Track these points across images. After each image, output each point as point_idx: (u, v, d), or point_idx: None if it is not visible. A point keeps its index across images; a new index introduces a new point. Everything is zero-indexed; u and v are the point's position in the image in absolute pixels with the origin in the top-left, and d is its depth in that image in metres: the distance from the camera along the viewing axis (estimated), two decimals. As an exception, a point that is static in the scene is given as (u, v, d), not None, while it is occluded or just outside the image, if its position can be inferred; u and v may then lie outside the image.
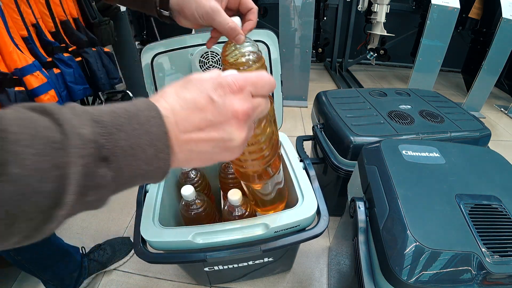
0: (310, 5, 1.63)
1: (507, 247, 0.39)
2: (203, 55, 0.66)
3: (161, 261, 0.51)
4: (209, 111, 0.22)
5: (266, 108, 0.27)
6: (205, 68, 0.68)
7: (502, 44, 1.59)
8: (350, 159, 0.77)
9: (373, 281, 0.44)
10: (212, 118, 0.22)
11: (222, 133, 0.23)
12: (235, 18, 0.38)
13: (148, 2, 0.37)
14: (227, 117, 0.23)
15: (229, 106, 0.23)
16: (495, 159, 0.56)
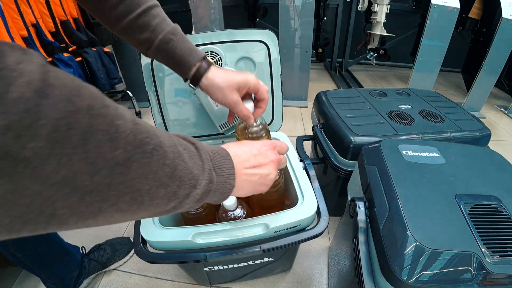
0: (310, 5, 1.63)
1: (507, 247, 0.39)
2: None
3: (161, 261, 0.51)
4: (258, 156, 0.36)
5: (285, 161, 0.43)
6: None
7: (502, 44, 1.59)
8: (350, 159, 0.77)
9: (373, 281, 0.44)
10: (261, 161, 0.36)
11: (265, 170, 0.37)
12: (249, 103, 0.52)
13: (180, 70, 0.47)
14: (268, 161, 0.37)
15: (269, 155, 0.38)
16: (495, 159, 0.56)
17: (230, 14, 2.43)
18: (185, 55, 0.46)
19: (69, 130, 0.15)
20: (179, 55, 0.46)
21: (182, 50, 0.46)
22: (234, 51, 0.68)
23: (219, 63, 0.67)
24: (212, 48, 0.65)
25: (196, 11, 1.71)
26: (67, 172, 0.16)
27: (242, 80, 0.48)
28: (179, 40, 0.46)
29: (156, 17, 0.44)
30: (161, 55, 0.46)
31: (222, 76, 0.47)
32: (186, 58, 0.46)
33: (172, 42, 0.45)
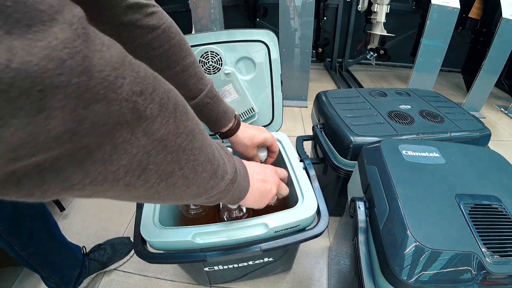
0: (310, 5, 1.63)
1: (507, 247, 0.39)
2: (203, 55, 0.66)
3: (161, 261, 0.51)
4: (266, 174, 0.43)
5: (287, 191, 0.50)
6: (205, 68, 0.68)
7: (502, 44, 1.59)
8: (350, 159, 0.77)
9: (373, 281, 0.44)
10: (267, 178, 0.43)
11: (270, 185, 0.43)
12: (263, 152, 0.61)
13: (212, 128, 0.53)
14: (272, 179, 0.44)
15: (274, 175, 0.45)
16: (495, 159, 0.56)
17: (230, 14, 2.43)
18: (219, 117, 0.51)
19: (168, 100, 0.20)
20: (214, 117, 0.51)
21: (217, 113, 0.50)
22: (234, 51, 0.68)
23: (219, 63, 0.67)
24: (212, 48, 0.65)
25: (196, 11, 1.71)
26: (164, 131, 0.20)
27: (262, 140, 0.57)
28: (215, 103, 0.50)
29: (193, 77, 0.46)
30: (198, 115, 0.48)
31: (249, 136, 0.55)
32: (220, 120, 0.51)
33: (208, 105, 0.49)
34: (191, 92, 0.47)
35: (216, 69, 0.68)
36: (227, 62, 0.69)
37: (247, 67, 0.71)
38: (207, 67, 0.68)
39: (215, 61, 0.67)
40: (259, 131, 0.57)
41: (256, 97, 0.75)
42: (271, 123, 0.78)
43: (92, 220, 1.07)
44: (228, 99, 0.73)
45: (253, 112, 0.75)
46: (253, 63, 0.70)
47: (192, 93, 0.47)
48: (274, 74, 0.72)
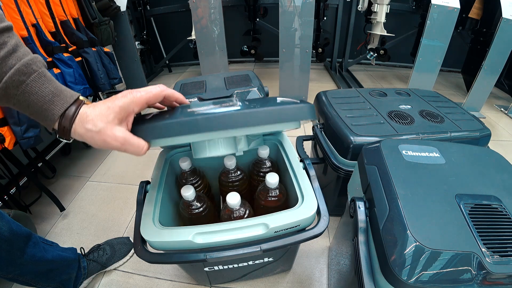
0: (310, 5, 1.63)
1: (507, 247, 0.39)
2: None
3: (161, 261, 0.51)
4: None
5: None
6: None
7: (502, 44, 1.59)
8: (350, 159, 0.77)
9: (373, 281, 0.44)
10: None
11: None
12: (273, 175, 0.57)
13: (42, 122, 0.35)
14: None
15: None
16: (495, 159, 0.56)
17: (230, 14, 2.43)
18: (44, 103, 0.34)
19: None
20: (35, 104, 0.34)
21: (39, 97, 0.33)
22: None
23: None
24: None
25: (196, 11, 1.71)
26: None
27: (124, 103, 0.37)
28: (35, 82, 0.33)
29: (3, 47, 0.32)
30: (11, 103, 0.34)
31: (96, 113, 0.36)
32: (46, 107, 0.34)
33: (23, 86, 0.33)
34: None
35: None
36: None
37: None
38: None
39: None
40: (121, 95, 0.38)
41: None
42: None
43: (92, 220, 1.07)
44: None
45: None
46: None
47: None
48: None
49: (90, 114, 0.36)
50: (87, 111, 0.36)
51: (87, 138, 0.36)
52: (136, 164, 1.37)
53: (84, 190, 1.23)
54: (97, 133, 0.36)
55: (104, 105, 0.37)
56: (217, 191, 0.82)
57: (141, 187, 0.63)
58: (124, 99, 0.37)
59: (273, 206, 0.63)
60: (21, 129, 0.84)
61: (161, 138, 0.40)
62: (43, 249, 0.68)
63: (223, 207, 0.61)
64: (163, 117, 0.41)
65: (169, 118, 0.41)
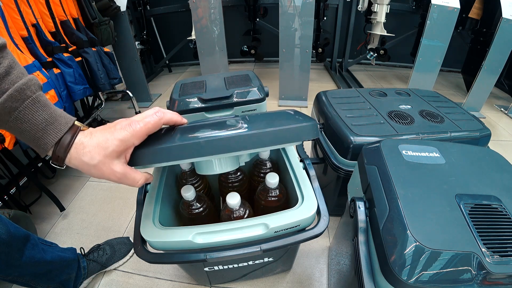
0: (310, 5, 1.63)
1: (507, 247, 0.39)
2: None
3: (161, 261, 0.51)
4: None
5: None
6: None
7: (502, 44, 1.59)
8: (350, 159, 0.77)
9: (373, 281, 0.44)
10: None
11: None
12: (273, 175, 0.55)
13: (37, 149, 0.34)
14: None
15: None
16: (495, 159, 0.56)
17: (230, 14, 2.43)
18: (37, 131, 0.32)
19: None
20: (28, 132, 0.32)
21: (32, 125, 0.32)
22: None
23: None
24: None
25: (196, 11, 1.72)
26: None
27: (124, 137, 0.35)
28: (27, 109, 0.31)
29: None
30: (5, 128, 0.32)
31: (93, 145, 0.34)
32: (39, 136, 0.32)
33: (15, 113, 0.31)
34: None
35: None
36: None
37: None
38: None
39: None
40: (119, 126, 0.36)
41: None
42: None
43: (92, 220, 1.07)
44: None
45: None
46: None
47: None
48: None
49: (87, 145, 0.34)
50: (83, 141, 0.34)
51: (83, 169, 0.35)
52: (136, 164, 1.37)
53: (84, 190, 1.23)
54: (94, 167, 0.34)
55: (103, 135, 0.35)
56: (217, 191, 0.82)
57: (141, 187, 0.63)
58: (124, 132, 0.35)
59: (273, 206, 0.63)
60: (21, 129, 0.84)
61: (163, 162, 0.39)
62: (42, 250, 0.68)
63: (223, 207, 0.61)
64: (163, 140, 0.40)
65: (169, 141, 0.39)
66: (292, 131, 0.42)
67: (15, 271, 0.62)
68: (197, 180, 0.71)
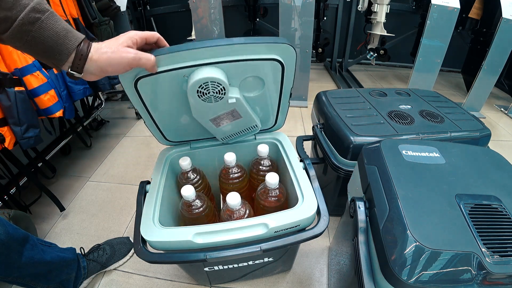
0: (310, 5, 1.63)
1: (507, 247, 0.39)
2: (202, 86, 0.53)
3: (161, 261, 0.51)
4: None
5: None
6: (203, 98, 0.56)
7: (502, 44, 1.59)
8: (350, 159, 0.77)
9: (373, 281, 0.44)
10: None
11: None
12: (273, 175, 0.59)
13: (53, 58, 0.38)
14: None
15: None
16: (495, 159, 0.56)
17: (230, 14, 2.43)
18: (59, 38, 0.37)
19: None
20: (50, 38, 0.36)
21: (54, 32, 0.36)
22: (242, 71, 0.56)
23: (222, 92, 0.55)
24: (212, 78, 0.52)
25: (196, 11, 1.71)
26: None
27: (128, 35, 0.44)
28: (49, 19, 0.36)
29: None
30: (24, 40, 0.36)
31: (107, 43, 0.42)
32: (61, 42, 0.37)
33: (38, 22, 0.35)
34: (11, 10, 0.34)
35: (219, 98, 0.57)
36: (232, 83, 0.57)
37: (254, 84, 0.60)
38: (207, 96, 0.56)
39: (217, 91, 0.55)
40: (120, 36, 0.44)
41: (260, 109, 0.69)
42: (274, 127, 0.77)
43: (92, 220, 1.07)
44: (230, 121, 0.65)
45: (256, 128, 0.71)
46: (262, 81, 0.60)
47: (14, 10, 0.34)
48: (284, 89, 0.63)
49: (102, 44, 0.42)
50: (98, 43, 0.42)
51: (102, 60, 0.41)
52: (136, 164, 1.37)
53: (84, 190, 1.23)
54: (113, 53, 0.41)
55: (111, 40, 0.43)
56: (217, 191, 0.82)
57: (141, 187, 0.64)
58: (127, 33, 0.44)
59: (273, 206, 0.63)
60: (21, 129, 0.84)
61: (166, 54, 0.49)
62: (41, 250, 0.68)
63: (223, 207, 0.61)
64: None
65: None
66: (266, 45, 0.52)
67: (15, 272, 0.62)
68: (197, 180, 0.71)
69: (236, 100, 0.59)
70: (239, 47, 0.52)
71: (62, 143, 1.30)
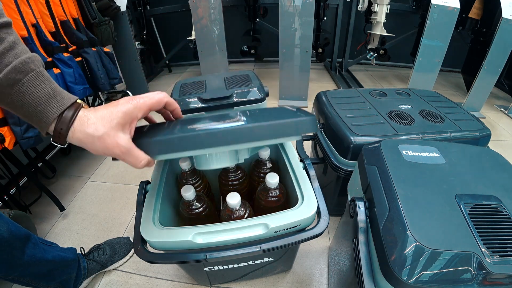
0: (310, 5, 1.63)
1: (507, 247, 0.39)
2: None
3: (161, 261, 0.51)
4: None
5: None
6: None
7: (502, 44, 1.59)
8: (350, 159, 0.77)
9: (373, 281, 0.44)
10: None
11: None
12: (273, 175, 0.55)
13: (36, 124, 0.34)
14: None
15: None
16: (495, 159, 0.56)
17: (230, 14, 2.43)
18: (39, 105, 0.32)
19: None
20: (29, 105, 0.32)
21: (35, 97, 0.32)
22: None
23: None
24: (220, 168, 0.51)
25: (196, 11, 1.72)
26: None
27: (127, 109, 0.36)
28: (31, 82, 0.32)
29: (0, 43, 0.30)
30: (4, 102, 0.32)
31: (98, 117, 0.34)
32: (41, 109, 0.32)
33: (19, 85, 0.31)
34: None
35: None
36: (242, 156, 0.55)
37: None
38: None
39: None
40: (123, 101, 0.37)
41: None
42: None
43: (92, 220, 1.07)
44: None
45: None
46: None
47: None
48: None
49: (91, 118, 0.34)
50: (87, 114, 0.34)
51: (86, 143, 0.34)
52: (136, 164, 1.37)
53: (84, 190, 1.23)
54: (99, 139, 0.34)
55: (106, 109, 0.35)
56: (217, 191, 0.82)
57: (141, 187, 0.63)
58: (127, 104, 0.36)
59: (273, 206, 0.63)
60: (21, 129, 0.84)
61: (165, 153, 0.40)
62: (42, 249, 0.68)
63: (223, 207, 0.61)
64: (164, 131, 0.41)
65: (171, 132, 0.40)
66: (291, 124, 0.41)
67: (16, 270, 0.62)
68: (197, 180, 0.71)
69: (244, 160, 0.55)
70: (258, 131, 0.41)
71: (62, 143, 1.30)
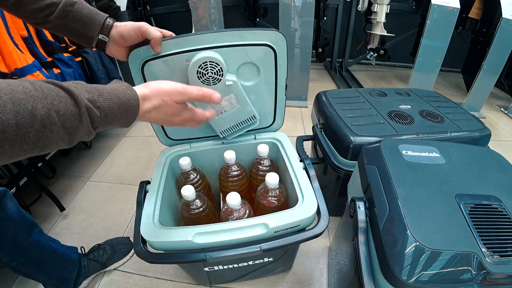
0: (310, 5, 1.63)
1: (507, 247, 0.39)
2: (201, 65, 0.58)
3: (161, 261, 0.51)
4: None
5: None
6: (204, 79, 0.60)
7: (502, 44, 1.59)
8: (350, 159, 0.77)
9: (373, 281, 0.44)
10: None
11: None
12: (273, 175, 0.59)
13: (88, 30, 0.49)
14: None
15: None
16: (495, 159, 0.56)
17: (230, 14, 2.43)
18: (92, 15, 0.49)
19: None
20: (87, 15, 0.48)
21: (88, 11, 0.49)
22: (237, 56, 0.61)
23: (220, 73, 0.60)
24: (212, 58, 0.57)
25: (196, 11, 1.71)
26: None
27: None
28: (83, 3, 0.49)
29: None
30: (66, 20, 0.47)
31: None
32: (94, 17, 0.49)
33: (76, 4, 0.47)
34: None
35: (217, 80, 0.61)
36: (229, 70, 0.62)
37: (250, 72, 0.65)
38: (206, 78, 0.60)
39: (215, 71, 0.59)
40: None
41: (258, 101, 0.70)
42: (272, 125, 0.77)
43: (92, 220, 1.07)
44: (228, 109, 0.68)
45: (254, 119, 0.72)
46: (257, 68, 0.64)
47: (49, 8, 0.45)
48: (278, 79, 0.67)
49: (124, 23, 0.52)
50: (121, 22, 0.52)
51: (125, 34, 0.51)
52: (136, 164, 1.37)
53: (84, 190, 1.23)
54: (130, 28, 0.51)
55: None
56: (217, 191, 0.82)
57: (141, 187, 0.64)
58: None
59: (273, 206, 0.63)
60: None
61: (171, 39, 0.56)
62: (47, 239, 0.71)
63: (223, 207, 0.61)
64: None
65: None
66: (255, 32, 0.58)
67: (21, 254, 0.64)
68: (197, 180, 0.71)
69: (233, 84, 0.63)
70: (235, 33, 0.58)
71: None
